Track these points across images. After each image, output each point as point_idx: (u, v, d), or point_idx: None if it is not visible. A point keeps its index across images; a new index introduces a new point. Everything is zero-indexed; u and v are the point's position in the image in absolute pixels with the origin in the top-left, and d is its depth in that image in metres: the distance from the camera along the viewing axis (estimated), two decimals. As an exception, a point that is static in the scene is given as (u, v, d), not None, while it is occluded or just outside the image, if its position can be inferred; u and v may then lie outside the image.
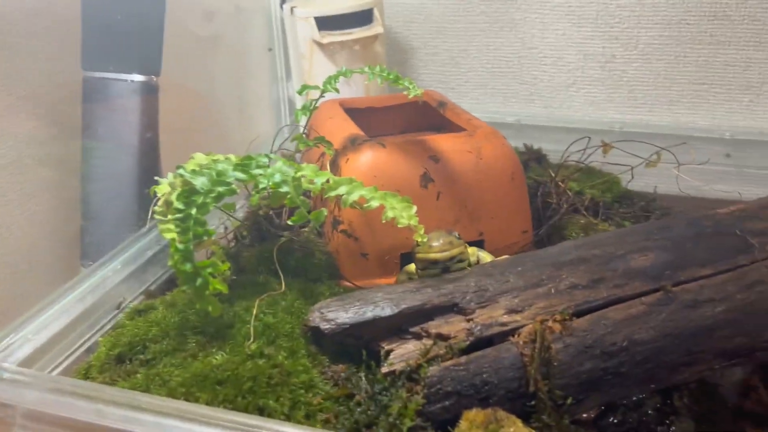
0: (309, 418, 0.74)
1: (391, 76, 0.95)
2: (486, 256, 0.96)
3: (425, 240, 0.83)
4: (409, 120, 1.30)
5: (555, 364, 0.77)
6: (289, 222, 0.87)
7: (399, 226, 0.82)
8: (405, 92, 0.94)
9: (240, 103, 1.53)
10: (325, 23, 1.40)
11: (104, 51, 1.09)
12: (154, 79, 1.10)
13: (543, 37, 1.53)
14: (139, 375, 0.79)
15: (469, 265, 0.88)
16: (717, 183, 1.27)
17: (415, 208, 0.83)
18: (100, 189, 1.09)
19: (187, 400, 0.74)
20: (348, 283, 0.99)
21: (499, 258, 0.95)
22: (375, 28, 1.43)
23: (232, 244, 1.11)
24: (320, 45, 1.39)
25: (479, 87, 1.62)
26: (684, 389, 0.85)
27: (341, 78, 1.07)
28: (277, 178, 0.87)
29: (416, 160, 1.00)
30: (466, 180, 1.01)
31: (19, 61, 1.06)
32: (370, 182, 0.92)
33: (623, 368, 0.78)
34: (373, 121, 1.25)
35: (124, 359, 0.84)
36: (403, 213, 0.83)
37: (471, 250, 0.92)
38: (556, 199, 1.15)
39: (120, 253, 0.98)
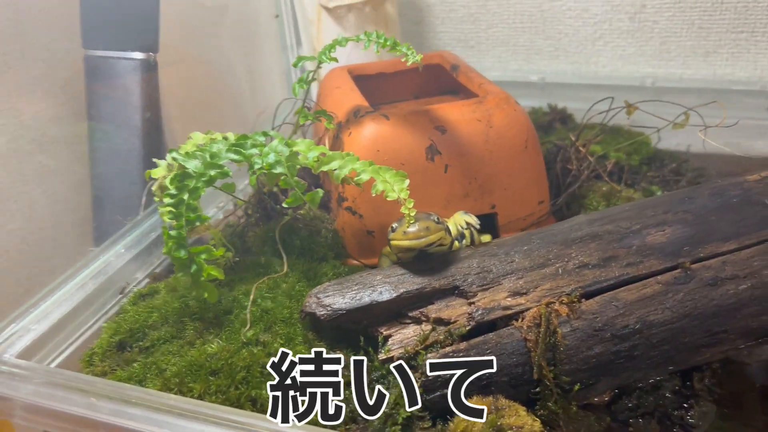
0: (303, 409, 0.72)
1: (388, 43, 0.89)
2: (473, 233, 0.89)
3: (413, 214, 0.78)
4: (422, 84, 1.24)
5: (561, 348, 0.72)
6: (284, 205, 0.83)
7: (388, 199, 0.78)
8: (403, 59, 0.88)
9: (250, 74, 1.49)
10: (331, -15, 1.34)
11: (103, 28, 1.07)
12: (153, 56, 1.07)
13: (567, -12, 1.44)
14: (136, 364, 0.78)
15: (451, 246, 0.81)
16: (758, 139, 1.19)
17: (407, 182, 0.78)
18: (106, 171, 1.08)
19: (180, 390, 0.73)
20: (355, 262, 0.96)
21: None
22: (385, -12, 1.36)
23: (242, 220, 1.09)
24: (327, 9, 1.33)
25: (500, 44, 1.54)
26: (706, 370, 0.80)
27: (353, 42, 1.01)
28: (272, 158, 0.83)
29: (421, 132, 0.95)
30: (475, 151, 0.96)
31: (25, 42, 1.04)
32: (373, 157, 0.88)
33: (636, 351, 0.73)
34: (385, 86, 1.20)
35: (125, 346, 0.83)
36: (394, 186, 0.78)
37: (456, 219, 0.86)
38: (576, 164, 1.08)
39: (123, 236, 0.98)
